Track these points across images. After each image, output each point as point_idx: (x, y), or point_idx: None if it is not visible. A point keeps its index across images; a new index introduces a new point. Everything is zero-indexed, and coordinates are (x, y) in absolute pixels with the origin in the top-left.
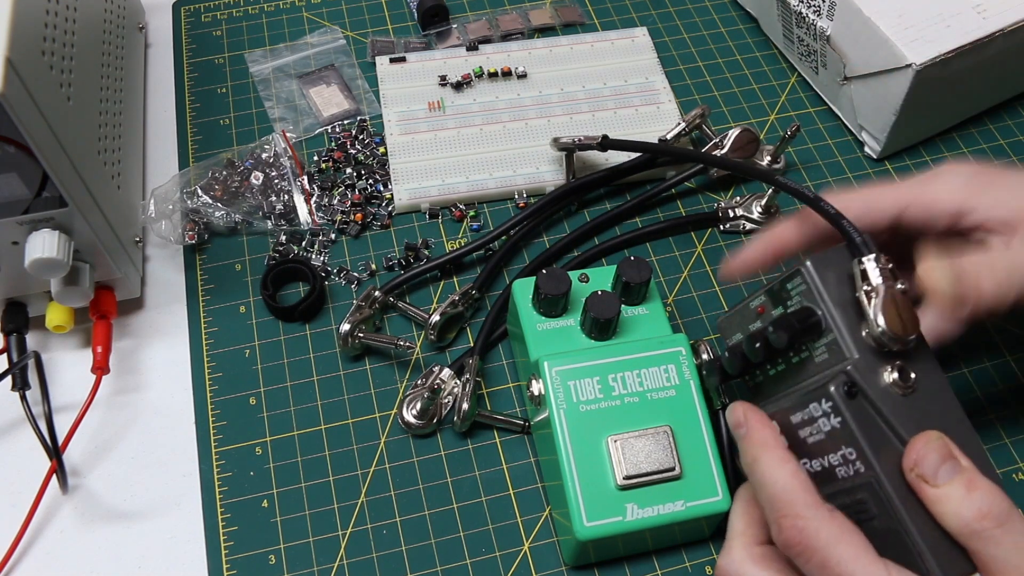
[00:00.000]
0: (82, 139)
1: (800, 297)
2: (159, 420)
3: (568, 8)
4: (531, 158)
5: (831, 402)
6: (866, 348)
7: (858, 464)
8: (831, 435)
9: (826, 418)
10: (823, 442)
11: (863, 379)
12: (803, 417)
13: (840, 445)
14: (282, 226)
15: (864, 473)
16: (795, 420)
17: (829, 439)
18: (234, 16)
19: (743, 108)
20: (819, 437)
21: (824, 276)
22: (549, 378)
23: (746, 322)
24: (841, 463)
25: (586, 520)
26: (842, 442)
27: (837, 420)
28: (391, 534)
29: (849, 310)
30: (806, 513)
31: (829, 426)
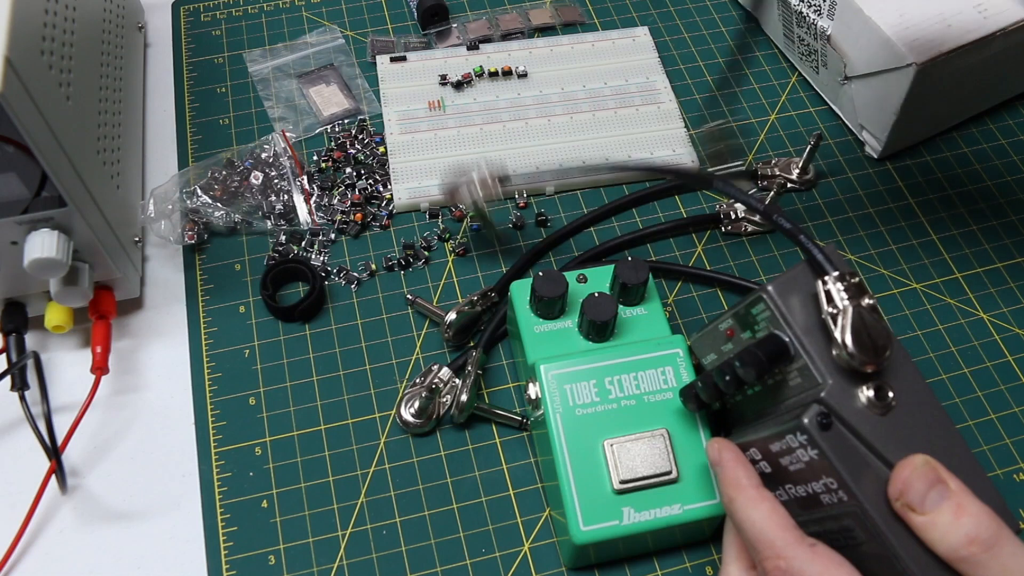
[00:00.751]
0: (81, 139)
1: (766, 322)
2: (158, 420)
3: (568, 8)
4: (531, 158)
5: (806, 435)
6: (838, 370)
7: (840, 493)
8: (810, 465)
9: (803, 449)
10: (804, 471)
11: (838, 404)
12: (781, 447)
13: (820, 475)
14: (282, 226)
15: (848, 502)
16: (774, 449)
17: (809, 469)
18: (233, 16)
19: (743, 108)
20: (799, 466)
21: (788, 300)
22: (545, 382)
23: (717, 344)
24: (824, 491)
25: (582, 524)
26: (822, 472)
27: (814, 452)
28: (391, 534)
29: (817, 333)
30: (787, 553)
31: (808, 456)
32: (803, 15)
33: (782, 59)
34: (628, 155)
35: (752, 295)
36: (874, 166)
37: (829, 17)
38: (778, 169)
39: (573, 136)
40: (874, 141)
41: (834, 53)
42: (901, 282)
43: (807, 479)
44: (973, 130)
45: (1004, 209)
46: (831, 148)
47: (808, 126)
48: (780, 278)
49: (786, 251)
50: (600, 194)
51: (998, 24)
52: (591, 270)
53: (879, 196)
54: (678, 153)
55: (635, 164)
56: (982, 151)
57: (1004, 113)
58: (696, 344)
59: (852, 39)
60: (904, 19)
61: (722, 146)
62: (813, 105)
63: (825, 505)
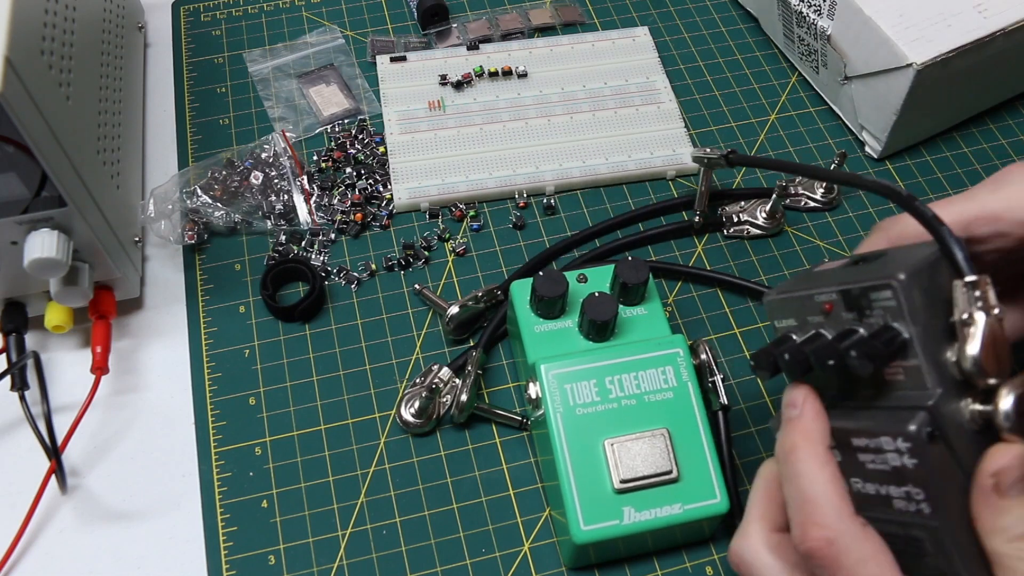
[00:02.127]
0: (81, 139)
1: (883, 312)
2: (158, 420)
3: (568, 8)
4: (531, 157)
5: (909, 443)
6: (949, 379)
7: (923, 506)
8: (898, 471)
9: (897, 455)
10: (886, 473)
11: (944, 415)
12: (868, 444)
13: (906, 483)
14: (282, 226)
15: (929, 516)
16: (857, 443)
17: (894, 474)
18: (233, 16)
19: (744, 108)
20: (882, 467)
21: (915, 295)
22: (546, 381)
23: (804, 312)
24: (902, 497)
25: (583, 524)
26: (910, 481)
27: (911, 461)
28: (391, 534)
29: (938, 335)
30: (838, 525)
31: (899, 463)
32: (803, 15)
33: (782, 59)
34: (628, 155)
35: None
36: (874, 166)
37: (829, 17)
38: (802, 188)
39: (573, 136)
40: (874, 141)
41: (834, 53)
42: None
43: (886, 481)
44: (973, 130)
45: None
46: (831, 148)
47: (808, 126)
48: (912, 267)
49: (786, 251)
50: (600, 194)
51: (998, 24)
52: (591, 270)
53: (879, 196)
54: (678, 153)
55: (828, 172)
56: (982, 151)
57: (1004, 113)
58: (775, 304)
59: (852, 39)
60: (904, 19)
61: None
62: (813, 105)
63: (896, 510)
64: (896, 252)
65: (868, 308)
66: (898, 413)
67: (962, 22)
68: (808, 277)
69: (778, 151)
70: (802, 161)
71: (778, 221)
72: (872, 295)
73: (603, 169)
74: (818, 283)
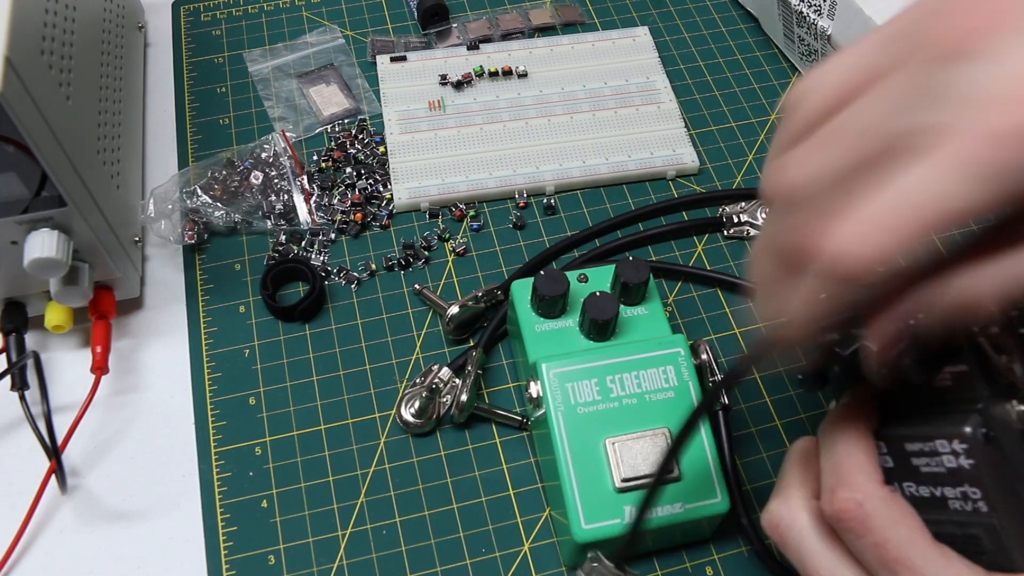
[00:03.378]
0: (81, 138)
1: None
2: (158, 420)
3: (568, 7)
4: (531, 157)
5: (966, 444)
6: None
7: (980, 504)
8: (954, 473)
9: (953, 456)
10: (941, 475)
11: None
12: (923, 448)
13: (963, 483)
14: (282, 226)
15: (986, 513)
16: (911, 448)
17: (950, 475)
18: (233, 15)
19: (744, 108)
20: (937, 470)
21: None
22: (547, 380)
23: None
24: (958, 498)
25: (584, 523)
26: (966, 481)
27: (968, 462)
28: (391, 534)
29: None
30: (867, 488)
31: (955, 464)
32: (803, 15)
33: (782, 59)
34: (628, 155)
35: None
36: None
37: (829, 17)
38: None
39: (573, 136)
40: None
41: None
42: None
43: (941, 483)
44: None
45: None
46: None
47: None
48: None
49: None
50: (600, 194)
51: None
52: (592, 270)
53: None
54: (678, 153)
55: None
56: None
57: None
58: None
59: (852, 39)
60: None
61: None
62: None
63: (951, 510)
64: None
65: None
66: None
67: None
68: None
69: None
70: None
71: None
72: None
73: (603, 169)
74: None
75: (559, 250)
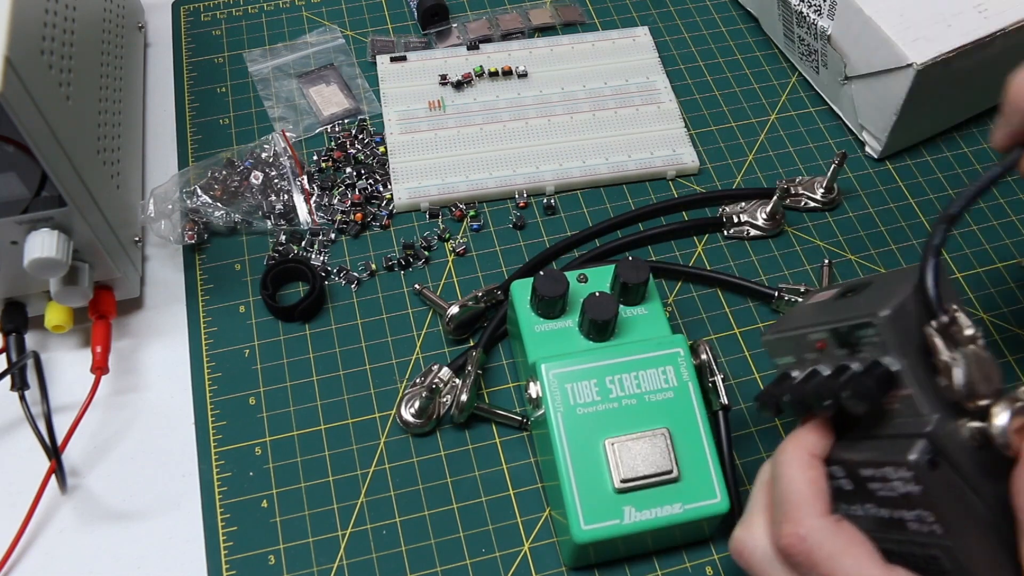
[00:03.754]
0: (81, 138)
1: (871, 347)
2: (158, 420)
3: (568, 7)
4: (531, 157)
5: (912, 472)
6: (943, 402)
7: (935, 527)
8: (906, 497)
9: (903, 483)
10: (895, 499)
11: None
12: (874, 473)
13: (916, 507)
14: (282, 226)
15: (942, 535)
16: (864, 473)
17: (903, 500)
18: (233, 15)
19: (744, 108)
20: (890, 495)
21: (899, 329)
22: (546, 381)
23: (801, 350)
24: (915, 520)
25: (583, 523)
26: (919, 506)
27: (916, 488)
28: (391, 534)
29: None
30: (809, 521)
31: (905, 490)
32: (803, 15)
33: (782, 59)
34: (628, 155)
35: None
36: (874, 166)
37: (829, 17)
38: (802, 188)
39: (573, 136)
40: (874, 141)
41: (834, 53)
42: None
43: (896, 507)
44: (973, 130)
45: (1004, 209)
46: (831, 148)
47: (808, 126)
48: (894, 304)
49: (785, 251)
50: (600, 194)
51: (998, 24)
52: (592, 270)
53: (879, 196)
54: (678, 153)
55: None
56: (982, 151)
57: None
58: (772, 343)
59: (852, 39)
60: (904, 19)
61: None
62: (813, 105)
63: (911, 531)
64: (882, 282)
65: (857, 344)
66: (899, 442)
67: (962, 22)
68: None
69: (778, 151)
70: (802, 161)
71: (778, 222)
72: (859, 332)
73: (603, 169)
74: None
75: (559, 250)
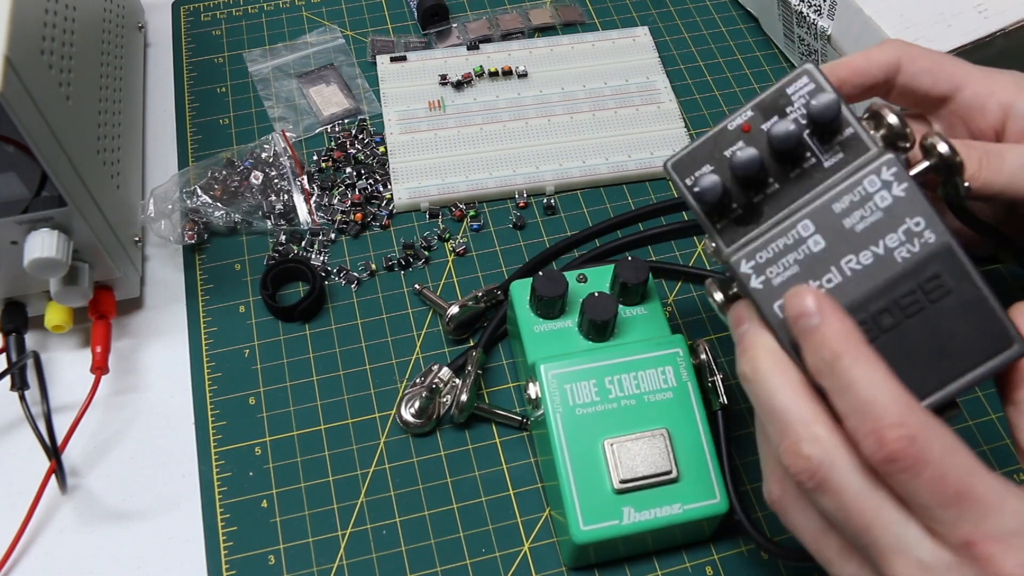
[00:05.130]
0: (81, 138)
1: (805, 98)
2: (158, 420)
3: (568, 7)
4: (531, 157)
5: (894, 168)
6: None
7: (927, 234)
8: (890, 211)
9: (886, 190)
10: (878, 224)
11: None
12: (851, 200)
13: (903, 218)
14: (282, 226)
15: (935, 242)
16: (838, 208)
17: (887, 217)
18: (233, 15)
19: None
20: (875, 217)
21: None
22: (545, 381)
23: (721, 148)
24: (903, 241)
25: (582, 524)
26: (904, 214)
27: (901, 188)
28: (391, 534)
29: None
30: (915, 419)
31: (889, 199)
32: (803, 15)
33: (782, 59)
34: (628, 155)
35: (786, 76)
36: None
37: (829, 17)
38: None
39: (573, 136)
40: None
41: (834, 53)
42: None
43: (881, 233)
44: None
45: None
46: None
47: None
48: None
49: None
50: (600, 194)
51: (998, 24)
52: (591, 270)
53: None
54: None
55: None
56: None
57: None
58: (684, 162)
59: (852, 39)
60: (904, 19)
61: None
62: None
63: (900, 262)
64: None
65: (789, 105)
66: (866, 160)
67: (962, 22)
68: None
69: None
70: None
71: None
72: (788, 89)
73: (603, 169)
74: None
75: (559, 250)
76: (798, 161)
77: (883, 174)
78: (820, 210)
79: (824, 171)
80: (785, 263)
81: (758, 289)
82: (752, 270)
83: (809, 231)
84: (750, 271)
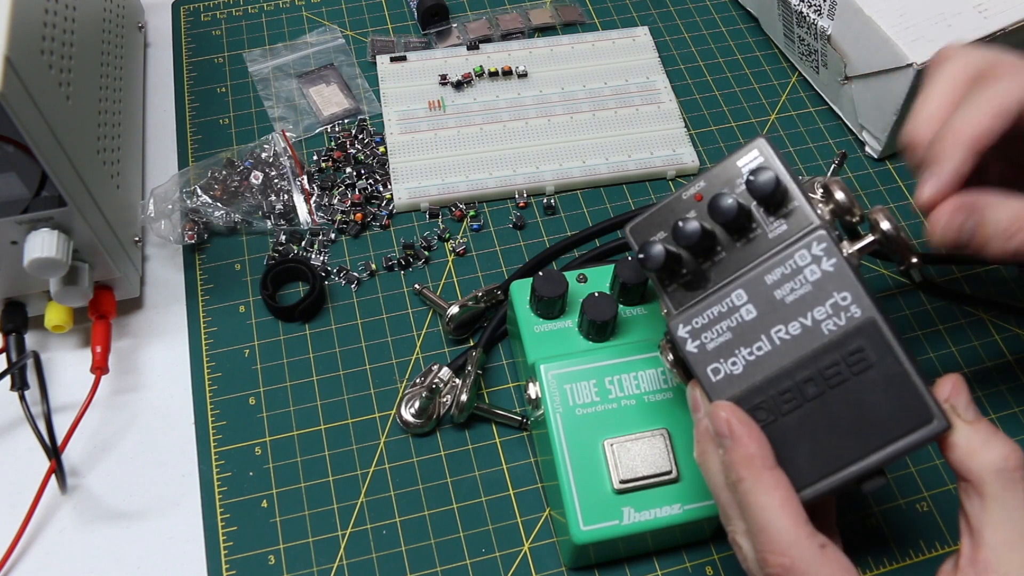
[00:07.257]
0: (81, 138)
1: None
2: (158, 420)
3: (568, 7)
4: (531, 157)
5: (824, 244)
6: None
7: (853, 308)
8: (819, 284)
9: (815, 264)
10: (809, 295)
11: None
12: (783, 272)
13: (831, 292)
14: (282, 226)
15: (861, 316)
16: (771, 280)
17: (816, 290)
18: (233, 15)
19: (744, 108)
20: (804, 290)
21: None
22: (545, 381)
23: (676, 215)
24: (830, 314)
25: (582, 524)
26: (833, 289)
27: (830, 262)
28: (391, 534)
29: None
30: (794, 552)
31: (819, 273)
32: (803, 15)
33: (782, 59)
34: (628, 155)
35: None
36: (874, 166)
37: (829, 17)
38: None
39: (573, 136)
40: (874, 141)
41: (834, 53)
42: (901, 282)
43: (809, 305)
44: None
45: None
46: (831, 148)
47: (808, 126)
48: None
49: None
50: (600, 194)
51: (998, 24)
52: (591, 270)
53: (879, 196)
54: (678, 153)
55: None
56: None
57: None
58: (639, 227)
59: (852, 39)
60: (904, 19)
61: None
62: (813, 105)
63: (827, 335)
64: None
65: (739, 176)
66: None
67: (962, 22)
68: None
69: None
70: (802, 161)
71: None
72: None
73: (603, 169)
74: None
75: (559, 250)
76: (744, 231)
77: (813, 248)
78: (753, 281)
79: (768, 241)
80: (719, 329)
81: (693, 353)
82: (688, 334)
83: (742, 300)
84: (686, 335)
